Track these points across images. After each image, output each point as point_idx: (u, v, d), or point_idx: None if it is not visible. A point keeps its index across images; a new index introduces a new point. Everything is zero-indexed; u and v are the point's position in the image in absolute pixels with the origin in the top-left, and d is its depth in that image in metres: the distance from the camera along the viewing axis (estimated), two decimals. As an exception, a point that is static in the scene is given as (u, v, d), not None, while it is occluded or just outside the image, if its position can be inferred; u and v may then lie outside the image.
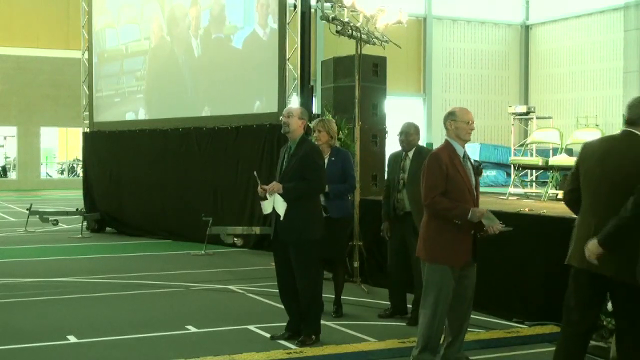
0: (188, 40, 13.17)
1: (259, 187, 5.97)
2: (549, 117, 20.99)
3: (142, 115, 14.18)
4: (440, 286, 4.96)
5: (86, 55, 15.35)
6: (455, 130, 5.07)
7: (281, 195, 5.84)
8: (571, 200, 4.46)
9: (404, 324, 6.70)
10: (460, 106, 5.37)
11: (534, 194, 12.57)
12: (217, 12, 12.72)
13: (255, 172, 6.20)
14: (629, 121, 4.20)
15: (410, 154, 6.79)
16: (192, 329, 6.51)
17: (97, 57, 15.18)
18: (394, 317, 6.86)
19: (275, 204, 5.89)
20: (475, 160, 5.29)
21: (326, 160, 6.91)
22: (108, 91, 15.01)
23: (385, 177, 7.47)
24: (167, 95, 13.58)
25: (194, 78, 13.08)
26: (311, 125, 7.03)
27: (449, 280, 4.97)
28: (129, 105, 14.55)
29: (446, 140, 5.13)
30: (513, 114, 17.56)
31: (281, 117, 6.20)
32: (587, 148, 4.36)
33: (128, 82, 14.63)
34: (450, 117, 5.11)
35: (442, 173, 4.90)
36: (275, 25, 11.51)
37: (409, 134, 6.79)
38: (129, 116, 14.47)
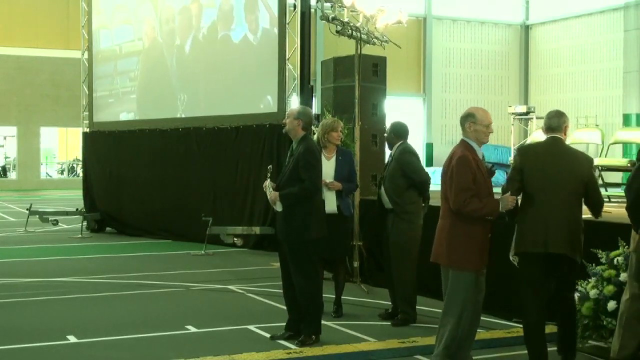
0: (187, 41, 13.16)
1: (265, 182, 6.02)
2: (549, 117, 20.95)
3: (137, 115, 14.17)
4: (467, 292, 4.89)
5: (86, 55, 15.35)
6: (474, 132, 4.95)
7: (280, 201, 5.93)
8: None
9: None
10: (479, 107, 5.24)
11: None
12: (216, 12, 12.73)
13: (270, 166, 6.29)
14: (551, 128, 5.11)
15: (393, 152, 6.87)
16: (192, 329, 6.51)
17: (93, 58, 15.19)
18: (394, 319, 6.84)
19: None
20: (488, 162, 5.24)
21: (333, 160, 6.95)
22: (102, 92, 15.01)
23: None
24: (166, 95, 13.56)
25: (194, 78, 13.07)
26: (315, 127, 7.05)
27: (474, 286, 4.91)
28: (124, 106, 14.55)
29: (464, 141, 4.98)
30: (513, 114, 17.57)
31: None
32: (526, 153, 5.26)
33: (122, 83, 14.63)
34: (470, 119, 4.96)
35: (472, 175, 4.81)
36: (275, 25, 11.51)
37: (386, 132, 7.03)
38: (123, 117, 14.47)
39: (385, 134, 7.07)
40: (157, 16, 13.81)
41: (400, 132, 6.93)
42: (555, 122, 5.10)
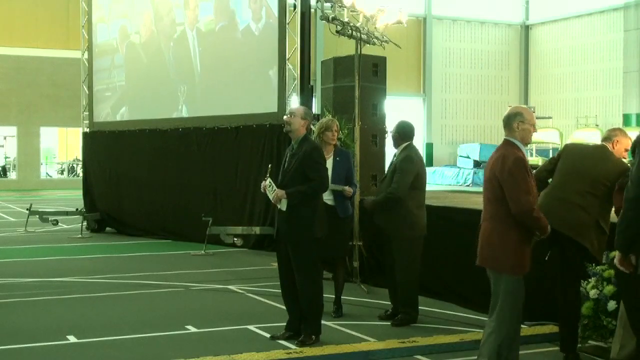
0: (185, 39, 13.16)
1: (263, 182, 6.01)
2: (549, 117, 21.02)
3: (135, 110, 14.15)
4: (522, 296, 4.79)
5: (86, 55, 15.35)
6: (522, 132, 4.82)
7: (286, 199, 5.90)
8: (543, 178, 5.81)
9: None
10: (521, 106, 5.21)
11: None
12: (215, 11, 12.72)
13: (269, 165, 6.28)
14: (603, 138, 5.87)
15: (398, 154, 6.87)
16: (192, 329, 6.51)
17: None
18: (395, 319, 6.83)
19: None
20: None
21: (330, 160, 6.93)
22: (100, 85, 15.02)
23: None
24: (164, 90, 13.54)
25: (193, 79, 13.07)
26: (314, 127, 7.05)
27: (523, 287, 4.82)
28: (121, 100, 14.57)
29: (510, 141, 4.83)
30: (513, 114, 17.57)
31: (285, 117, 6.24)
32: (569, 146, 6.12)
33: (119, 77, 14.63)
34: (519, 118, 4.82)
35: (530, 178, 4.71)
36: (275, 25, 11.51)
37: (392, 131, 6.97)
38: (121, 111, 14.47)
39: (392, 133, 7.01)
40: (156, 12, 13.81)
41: (405, 133, 6.90)
42: (607, 134, 5.87)
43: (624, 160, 5.81)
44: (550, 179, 5.87)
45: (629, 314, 4.43)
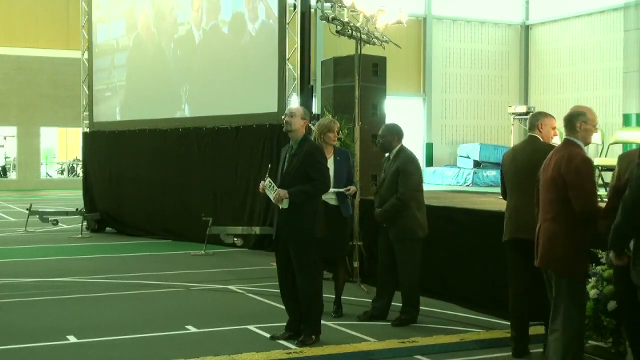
0: (186, 39, 13.16)
1: (262, 182, 6.00)
2: (549, 117, 20.93)
3: (134, 110, 14.15)
4: (585, 299, 4.72)
5: (86, 55, 15.36)
6: (584, 132, 4.73)
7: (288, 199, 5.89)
8: (505, 197, 5.80)
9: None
10: (584, 105, 5.01)
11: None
12: (216, 11, 12.72)
13: (269, 165, 6.27)
14: (529, 128, 5.71)
15: (392, 155, 6.85)
16: (192, 329, 6.51)
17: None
18: (372, 321, 6.75)
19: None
20: None
21: (332, 160, 6.93)
22: (100, 85, 15.02)
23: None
24: (164, 90, 13.55)
25: (193, 79, 13.07)
26: (312, 126, 7.05)
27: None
28: (121, 100, 14.56)
29: (572, 141, 4.72)
30: (513, 114, 17.57)
31: (283, 116, 6.23)
32: (505, 157, 5.82)
33: (119, 77, 14.63)
34: (581, 118, 4.73)
35: (595, 179, 4.75)
36: (275, 25, 11.51)
37: (381, 135, 6.94)
38: (121, 111, 14.47)
39: (381, 137, 6.97)
40: (154, 11, 13.81)
41: (400, 134, 6.90)
42: (530, 122, 5.72)
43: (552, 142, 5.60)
44: None
45: (629, 332, 4.42)
